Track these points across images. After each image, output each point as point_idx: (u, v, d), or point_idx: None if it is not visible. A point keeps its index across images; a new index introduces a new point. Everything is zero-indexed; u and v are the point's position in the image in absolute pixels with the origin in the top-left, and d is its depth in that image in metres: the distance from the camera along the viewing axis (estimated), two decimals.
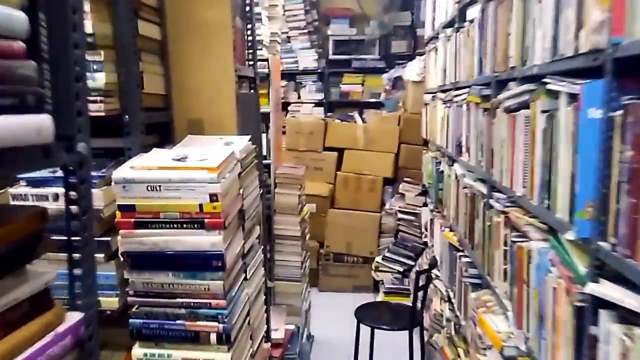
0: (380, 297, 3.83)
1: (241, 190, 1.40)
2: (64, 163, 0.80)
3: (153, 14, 1.51)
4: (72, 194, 0.86)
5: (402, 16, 5.38)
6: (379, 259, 4.05)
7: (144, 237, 1.27)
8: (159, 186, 1.24)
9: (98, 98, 1.32)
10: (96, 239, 1.36)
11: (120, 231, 1.27)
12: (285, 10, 5.18)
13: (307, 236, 3.43)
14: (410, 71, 4.58)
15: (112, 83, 1.35)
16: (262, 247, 1.69)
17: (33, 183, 1.38)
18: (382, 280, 3.99)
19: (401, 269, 3.89)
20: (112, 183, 1.26)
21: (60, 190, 1.38)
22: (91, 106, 1.31)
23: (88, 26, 1.29)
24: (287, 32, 5.29)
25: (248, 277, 1.46)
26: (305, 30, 5.38)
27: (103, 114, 1.32)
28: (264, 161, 3.08)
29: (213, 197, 1.23)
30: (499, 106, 1.92)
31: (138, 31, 1.40)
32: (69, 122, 0.74)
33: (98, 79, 1.32)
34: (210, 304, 1.28)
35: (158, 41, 1.54)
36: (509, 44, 1.84)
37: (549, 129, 1.45)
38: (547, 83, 1.46)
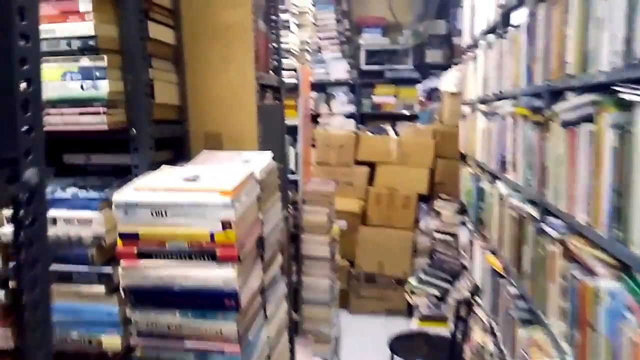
0: (415, 323, 3.59)
1: (260, 216, 1.21)
2: (10, 196, 0.60)
3: (166, 16, 1.36)
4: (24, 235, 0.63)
5: (437, 25, 5.18)
6: (413, 281, 3.82)
7: (147, 269, 1.10)
8: (165, 211, 1.07)
9: (101, 109, 1.16)
10: (97, 269, 1.20)
11: (121, 262, 1.11)
12: (316, 20, 5.07)
13: (337, 256, 3.24)
14: (447, 82, 4.37)
15: (118, 92, 1.20)
16: (286, 278, 1.51)
17: None
18: (416, 304, 3.75)
19: (438, 293, 3.65)
20: (113, 207, 1.09)
21: (60, 213, 1.24)
22: (92, 118, 1.16)
23: (90, 27, 1.14)
24: (317, 42, 5.15)
25: (268, 315, 1.28)
26: (337, 40, 5.23)
27: (106, 127, 1.17)
28: (292, 176, 2.91)
29: (226, 225, 1.05)
30: (554, 119, 1.70)
31: (148, 34, 1.25)
32: (10, 142, 0.56)
33: (101, 88, 1.16)
34: (223, 350, 1.10)
35: (172, 46, 1.39)
36: (566, 48, 1.63)
37: (621, 147, 1.23)
38: (617, 92, 1.24)
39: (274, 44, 1.87)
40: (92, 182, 1.32)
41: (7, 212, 1.24)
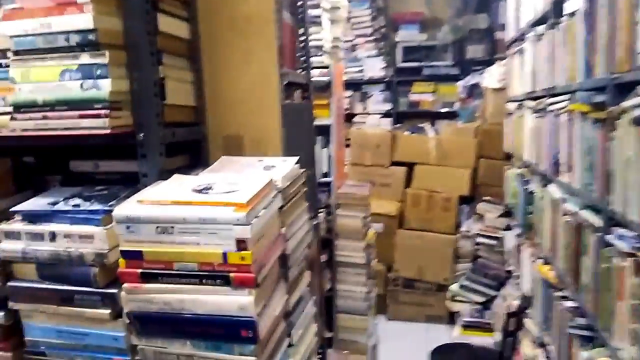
0: (457, 332, 3.38)
1: (283, 230, 1.06)
2: None
3: (179, 7, 1.22)
4: None
5: (477, 19, 4.93)
6: (454, 287, 3.61)
7: (153, 293, 0.96)
8: (172, 227, 0.93)
9: (102, 111, 1.03)
10: (100, 290, 1.08)
11: (124, 285, 0.97)
12: (350, 17, 4.90)
13: (374, 262, 3.06)
14: (490, 77, 4.13)
15: (121, 92, 1.07)
16: (317, 290, 1.35)
17: (29, 217, 1.11)
18: (458, 312, 3.54)
19: (481, 300, 3.43)
20: (114, 222, 0.96)
21: (59, 227, 1.12)
22: (93, 121, 1.03)
23: (89, 20, 1.01)
24: (352, 40, 4.99)
25: (294, 341, 1.12)
26: (372, 38, 5.05)
27: (108, 131, 1.04)
28: (325, 179, 2.76)
29: (241, 244, 0.90)
30: (621, 116, 1.49)
31: (157, 27, 1.11)
32: None
33: (102, 87, 1.03)
34: None
35: (186, 40, 1.25)
36: (636, 36, 1.41)
37: None
38: None
39: (302, 39, 1.72)
40: (99, 192, 1.19)
41: (5, 226, 1.14)
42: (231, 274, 0.91)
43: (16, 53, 1.07)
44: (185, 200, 0.95)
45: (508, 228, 3.51)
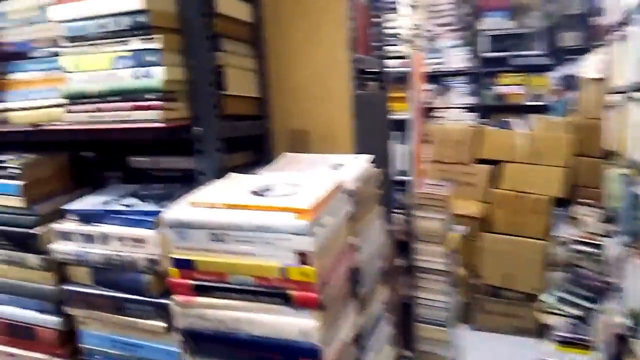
0: (551, 347, 3.07)
1: (353, 240, 0.91)
2: None
3: None
4: None
5: (571, 4, 4.53)
6: (546, 297, 3.29)
7: (206, 309, 0.84)
8: (226, 234, 0.81)
9: (155, 102, 0.93)
10: (153, 300, 0.98)
11: (176, 298, 0.86)
12: (431, 5, 4.66)
13: (457, 268, 2.84)
14: (587, 67, 3.75)
15: (177, 81, 0.96)
16: (388, 314, 1.18)
17: (82, 217, 1.04)
18: (551, 325, 3.22)
19: (578, 314, 3.09)
20: (164, 226, 0.86)
21: (111, 229, 1.04)
22: (146, 113, 0.93)
23: (139, 0, 0.91)
24: (433, 30, 4.75)
25: None
26: (455, 27, 4.78)
27: (162, 124, 0.93)
28: (402, 177, 2.58)
29: (302, 258, 0.76)
30: None
31: (214, 9, 0.99)
32: None
33: (154, 76, 0.93)
34: None
35: (249, 24, 1.13)
36: None
37: None
38: None
39: (377, 23, 1.55)
40: (156, 191, 1.10)
41: (59, 226, 1.07)
42: (291, 292, 0.77)
43: (67, 40, 0.99)
44: (240, 204, 0.82)
45: (609, 235, 3.14)
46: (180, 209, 0.86)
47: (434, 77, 4.82)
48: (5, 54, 1.12)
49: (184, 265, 0.85)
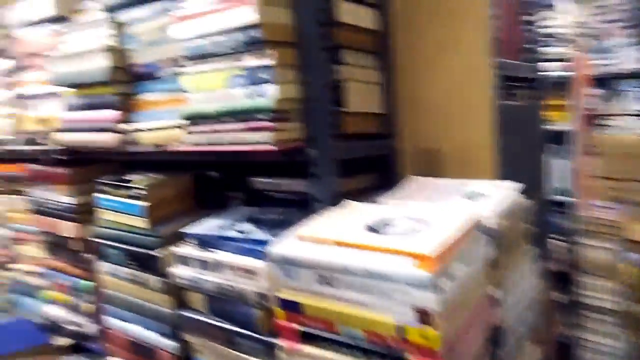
0: None
1: (493, 292, 0.73)
2: None
3: None
4: None
5: None
6: None
7: None
8: (334, 278, 0.69)
9: (267, 123, 0.85)
10: (262, 338, 0.90)
11: (282, 343, 0.77)
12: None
13: (632, 305, 2.40)
14: None
15: (291, 99, 0.87)
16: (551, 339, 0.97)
17: (199, 241, 1.00)
18: None
19: None
20: (271, 260, 0.77)
21: (225, 257, 0.97)
22: (256, 135, 0.86)
23: (252, 13, 0.83)
24: (599, 27, 4.20)
25: None
26: (627, 23, 4.17)
27: (274, 147, 0.85)
28: (562, 197, 2.25)
29: (423, 316, 0.61)
30: None
31: (336, 17, 0.89)
32: None
33: (268, 94, 0.85)
34: None
35: (374, 32, 1.00)
36: None
37: None
38: None
39: (529, 22, 1.32)
40: (274, 216, 1.03)
41: (177, 250, 1.04)
42: (408, 357, 0.63)
43: (187, 59, 0.96)
44: (351, 242, 0.69)
45: None
46: (286, 243, 0.76)
47: (602, 81, 4.25)
48: (136, 75, 1.14)
49: (291, 308, 0.75)
